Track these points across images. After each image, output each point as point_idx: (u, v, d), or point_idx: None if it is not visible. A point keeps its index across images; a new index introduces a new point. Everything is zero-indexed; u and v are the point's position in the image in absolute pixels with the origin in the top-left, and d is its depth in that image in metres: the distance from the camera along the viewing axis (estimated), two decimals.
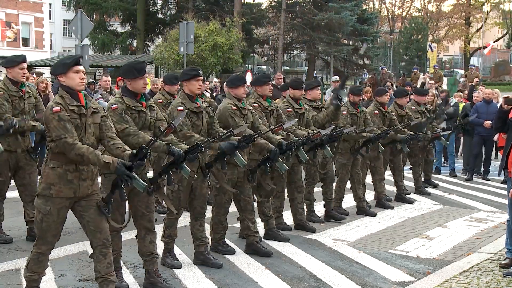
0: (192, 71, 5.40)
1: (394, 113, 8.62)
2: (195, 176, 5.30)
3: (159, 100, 7.15)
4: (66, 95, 4.09)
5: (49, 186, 4.07)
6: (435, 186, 10.07)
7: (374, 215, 7.83)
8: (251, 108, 5.96)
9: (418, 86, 17.11)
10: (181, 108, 5.22)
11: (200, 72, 5.44)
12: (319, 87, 7.42)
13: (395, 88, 15.08)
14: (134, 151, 4.09)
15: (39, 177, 4.28)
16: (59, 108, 3.99)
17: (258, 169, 5.96)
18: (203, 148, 4.86)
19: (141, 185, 4.17)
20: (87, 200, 4.17)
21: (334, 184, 7.75)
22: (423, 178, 9.83)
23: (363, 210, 7.90)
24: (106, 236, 4.21)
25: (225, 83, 10.50)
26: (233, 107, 5.75)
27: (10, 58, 6.06)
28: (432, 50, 34.69)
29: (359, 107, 7.79)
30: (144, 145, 4.13)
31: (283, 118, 6.43)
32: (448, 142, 10.16)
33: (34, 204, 4.23)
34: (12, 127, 5.63)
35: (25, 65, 5.96)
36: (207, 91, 9.05)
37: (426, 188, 9.64)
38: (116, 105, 4.66)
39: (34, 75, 12.57)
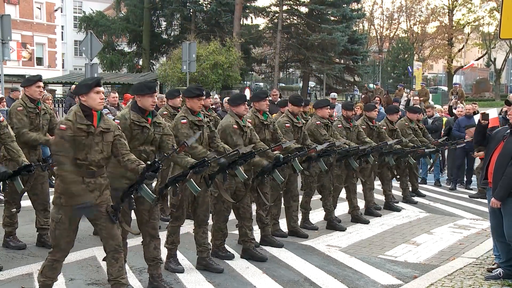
0: (196, 90, 5.32)
1: (385, 127, 8.75)
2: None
3: (164, 113, 7.23)
4: (79, 113, 4.11)
5: (59, 196, 4.11)
6: (422, 196, 10.00)
7: (367, 222, 7.82)
8: (250, 125, 5.96)
9: (402, 102, 17.10)
10: (185, 120, 5.24)
11: (204, 92, 5.41)
12: (328, 107, 7.47)
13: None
14: (149, 162, 4.16)
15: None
16: (65, 126, 4.04)
17: (256, 180, 5.97)
18: (209, 164, 4.84)
19: (150, 196, 4.33)
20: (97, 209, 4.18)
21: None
22: (410, 188, 9.84)
23: (357, 218, 7.91)
24: (118, 242, 4.24)
25: (225, 99, 10.59)
26: (235, 125, 5.72)
27: (27, 78, 6.17)
28: (410, 75, 33.94)
29: (352, 121, 7.87)
30: (157, 160, 4.18)
31: (278, 133, 6.43)
32: (431, 161, 9.88)
33: (50, 213, 4.26)
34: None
35: (41, 84, 6.03)
36: (211, 108, 9.04)
37: (412, 197, 9.63)
38: (118, 121, 4.62)
39: (45, 92, 12.55)
